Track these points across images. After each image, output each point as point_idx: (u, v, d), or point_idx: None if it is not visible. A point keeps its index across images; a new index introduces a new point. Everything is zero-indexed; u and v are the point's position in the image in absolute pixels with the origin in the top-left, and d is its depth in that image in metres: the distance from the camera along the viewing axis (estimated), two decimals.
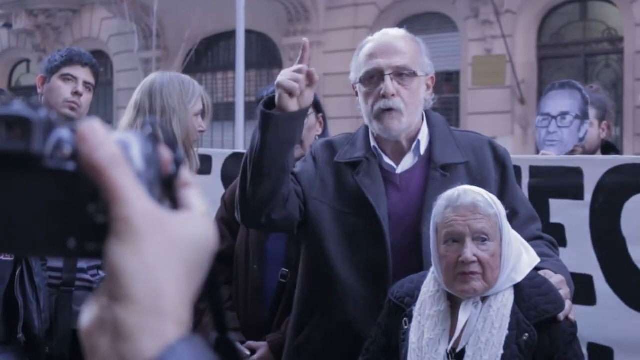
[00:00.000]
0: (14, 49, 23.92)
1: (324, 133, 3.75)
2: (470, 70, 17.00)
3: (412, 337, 2.84)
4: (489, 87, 16.68)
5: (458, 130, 3.49)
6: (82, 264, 3.82)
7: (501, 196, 3.05)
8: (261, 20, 18.46)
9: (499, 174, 3.23)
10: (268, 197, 3.03)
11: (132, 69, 19.11)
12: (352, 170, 3.24)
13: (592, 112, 4.41)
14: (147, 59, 19.84)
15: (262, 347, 3.61)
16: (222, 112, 20.34)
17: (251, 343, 3.58)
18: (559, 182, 3.92)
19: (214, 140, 20.56)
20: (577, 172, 3.88)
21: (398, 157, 3.27)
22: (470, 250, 2.76)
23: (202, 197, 0.85)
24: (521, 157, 4.07)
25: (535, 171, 3.99)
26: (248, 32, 15.04)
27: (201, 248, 0.81)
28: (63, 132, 0.77)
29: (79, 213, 0.77)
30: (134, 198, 0.76)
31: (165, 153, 0.82)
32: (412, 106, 3.19)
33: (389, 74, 3.17)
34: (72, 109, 4.09)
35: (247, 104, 13.49)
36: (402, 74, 3.19)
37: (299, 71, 2.96)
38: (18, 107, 0.77)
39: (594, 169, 3.85)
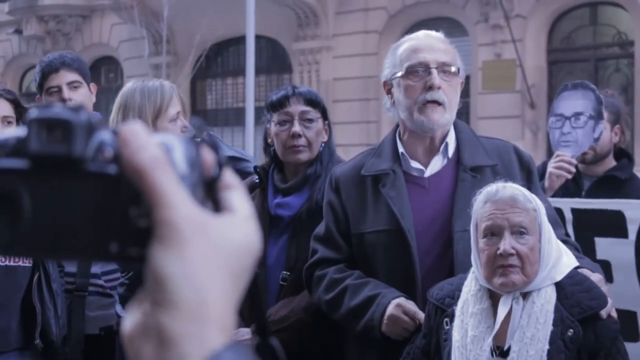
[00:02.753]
0: (25, 55, 23.95)
1: (330, 140, 3.75)
2: (481, 74, 16.98)
3: (456, 336, 2.86)
4: (499, 91, 16.67)
5: (482, 136, 3.54)
6: (95, 268, 3.82)
7: None
8: (271, 26, 18.46)
9: (525, 179, 3.27)
10: None
11: (143, 75, 19.14)
12: (378, 182, 3.30)
13: (604, 116, 4.39)
14: (158, 65, 19.88)
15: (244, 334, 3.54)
16: (232, 117, 20.39)
17: (242, 330, 3.54)
18: (602, 222, 3.95)
19: None
20: (618, 214, 3.92)
21: (428, 158, 3.32)
22: (509, 242, 2.78)
23: (246, 199, 0.83)
24: (562, 200, 4.11)
25: (577, 212, 4.04)
26: (258, 38, 15.05)
27: (245, 252, 0.79)
28: (104, 135, 0.77)
29: (121, 217, 0.76)
30: (177, 201, 0.75)
31: (208, 155, 0.81)
32: (453, 103, 3.29)
33: (435, 68, 3.25)
34: None
35: (257, 109, 13.46)
36: (446, 70, 3.27)
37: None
38: (59, 109, 0.76)
39: (635, 211, 3.90)
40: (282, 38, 19.54)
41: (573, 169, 4.22)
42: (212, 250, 0.76)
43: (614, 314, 2.88)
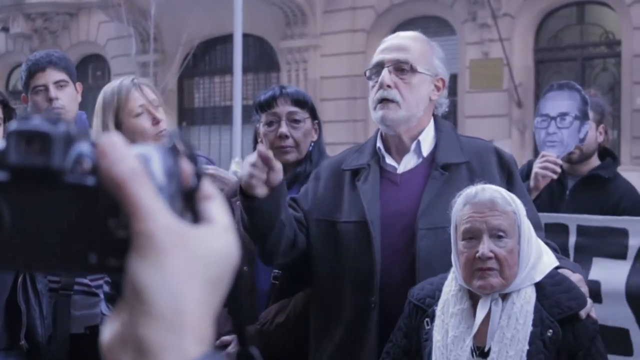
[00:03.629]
0: (11, 53, 23.90)
1: (319, 139, 3.75)
2: (468, 73, 17.02)
3: (436, 336, 2.86)
4: (487, 90, 16.71)
5: (465, 136, 3.56)
6: None
7: None
8: (258, 24, 18.47)
9: (505, 180, 3.26)
10: (274, 250, 3.21)
11: (130, 73, 19.08)
12: (355, 177, 3.33)
13: (589, 115, 4.41)
14: (145, 63, 19.86)
15: (235, 339, 3.56)
16: (219, 116, 20.40)
17: (224, 338, 3.55)
18: (605, 241, 3.95)
19: (211, 144, 20.58)
20: (622, 233, 3.92)
21: (401, 156, 3.34)
22: (487, 246, 2.78)
23: (225, 209, 0.83)
24: (569, 215, 4.11)
25: (582, 230, 4.03)
26: (245, 36, 15.07)
27: (223, 262, 0.80)
28: (83, 147, 0.77)
29: (100, 228, 0.77)
30: (155, 213, 0.76)
31: (186, 166, 0.81)
32: (410, 100, 3.28)
33: (388, 67, 3.28)
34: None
35: (245, 107, 13.50)
36: (402, 68, 3.29)
37: (253, 164, 3.00)
38: (37, 121, 0.76)
39: (639, 229, 3.90)
40: (270, 36, 19.55)
41: (558, 169, 4.23)
42: (190, 261, 0.77)
43: (594, 314, 2.88)
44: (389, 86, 3.26)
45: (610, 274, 3.88)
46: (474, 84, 16.90)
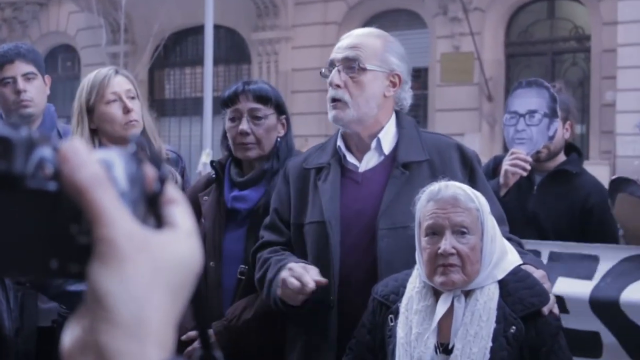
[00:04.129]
0: None
1: (287, 135, 3.74)
2: (439, 67, 17.07)
3: (400, 333, 2.86)
4: (457, 84, 16.76)
5: (427, 132, 3.54)
6: None
7: None
8: (230, 15, 18.41)
9: (467, 177, 3.25)
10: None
11: (100, 64, 18.97)
12: (317, 176, 3.32)
13: (557, 113, 4.43)
14: (115, 54, 19.73)
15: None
16: (190, 107, 20.31)
17: (191, 333, 3.55)
18: (575, 265, 3.96)
19: (182, 135, 20.50)
20: (593, 259, 3.92)
21: (361, 154, 3.33)
22: (450, 242, 2.78)
23: (188, 213, 0.83)
24: (542, 242, 4.11)
25: (554, 256, 4.03)
26: (216, 27, 15.03)
27: (186, 268, 0.80)
28: (45, 151, 0.76)
29: (62, 234, 0.76)
30: (117, 219, 0.75)
31: (150, 171, 0.81)
32: (360, 98, 3.25)
33: (338, 66, 3.28)
34: (25, 106, 4.08)
35: (215, 99, 13.44)
36: (351, 66, 3.27)
37: (304, 290, 3.04)
38: None
39: (612, 256, 3.90)
40: (241, 28, 19.49)
41: (528, 167, 4.25)
42: (152, 267, 0.76)
43: (556, 310, 2.89)
44: (337, 85, 3.25)
45: (573, 289, 3.89)
46: (445, 78, 16.94)
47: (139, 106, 3.77)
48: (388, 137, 3.32)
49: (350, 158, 3.32)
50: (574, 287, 3.88)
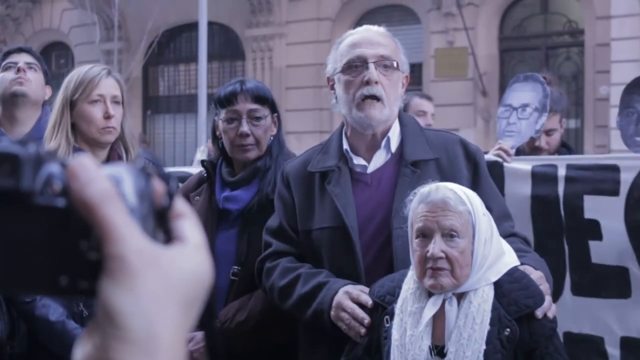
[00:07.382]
0: None
1: (279, 132, 3.72)
2: (433, 62, 17.05)
3: (395, 334, 2.84)
4: (451, 79, 16.75)
5: (429, 129, 3.53)
6: None
7: None
8: (224, 12, 18.38)
9: (471, 172, 3.25)
10: None
11: (94, 61, 18.94)
12: (324, 179, 3.28)
13: (547, 108, 4.48)
14: (109, 51, 19.69)
15: (196, 335, 3.53)
16: (184, 104, 20.29)
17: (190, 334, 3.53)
18: (595, 178, 3.95)
19: (176, 133, 20.48)
20: (613, 169, 3.92)
21: (370, 154, 3.30)
22: (438, 246, 2.77)
23: (197, 227, 0.83)
24: (558, 157, 4.16)
25: (571, 168, 4.04)
26: (210, 24, 14.96)
27: (196, 282, 0.79)
28: (53, 168, 0.76)
29: (71, 250, 0.76)
30: (127, 235, 0.75)
31: (158, 185, 0.81)
32: (392, 97, 3.24)
33: (373, 62, 3.21)
34: (20, 83, 4.27)
35: (210, 95, 13.36)
36: (385, 64, 3.23)
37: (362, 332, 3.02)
38: (6, 143, 0.75)
39: (631, 166, 3.90)
40: (235, 24, 19.46)
41: (509, 159, 4.29)
42: (162, 282, 0.76)
43: (550, 313, 2.85)
44: (376, 82, 3.20)
45: (606, 210, 3.86)
46: (439, 73, 16.93)
47: (121, 113, 3.74)
48: (395, 135, 3.31)
49: (357, 160, 3.29)
50: (605, 207, 3.84)
